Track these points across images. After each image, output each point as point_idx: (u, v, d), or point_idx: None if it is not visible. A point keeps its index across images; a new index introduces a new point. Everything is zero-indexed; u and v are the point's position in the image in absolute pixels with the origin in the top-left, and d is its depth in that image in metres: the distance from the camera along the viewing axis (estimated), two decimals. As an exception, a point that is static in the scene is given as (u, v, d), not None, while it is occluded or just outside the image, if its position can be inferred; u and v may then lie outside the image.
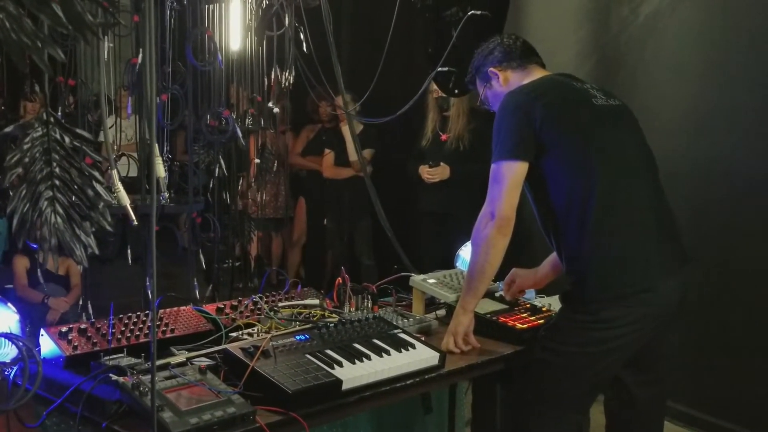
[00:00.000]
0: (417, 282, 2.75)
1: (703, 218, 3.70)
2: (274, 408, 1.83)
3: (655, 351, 2.33)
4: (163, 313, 2.31)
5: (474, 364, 2.30)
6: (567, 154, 2.24)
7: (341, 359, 2.02)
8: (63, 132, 1.42)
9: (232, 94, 4.54)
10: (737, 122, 3.60)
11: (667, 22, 3.91)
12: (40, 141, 1.39)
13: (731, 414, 3.61)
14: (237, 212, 4.74)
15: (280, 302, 2.51)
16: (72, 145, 1.44)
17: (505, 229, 2.25)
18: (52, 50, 1.11)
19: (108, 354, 2.04)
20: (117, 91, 3.85)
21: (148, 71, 1.41)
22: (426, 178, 4.94)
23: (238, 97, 4.55)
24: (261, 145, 4.86)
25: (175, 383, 1.82)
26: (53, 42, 1.12)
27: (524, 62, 2.48)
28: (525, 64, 2.48)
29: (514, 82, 2.46)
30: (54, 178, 1.43)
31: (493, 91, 2.52)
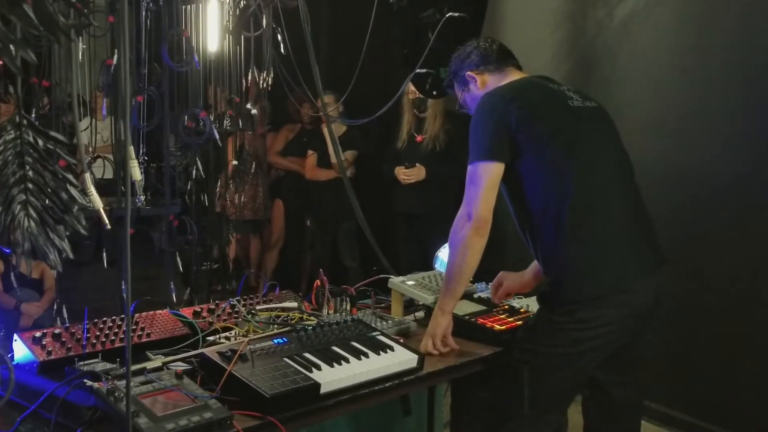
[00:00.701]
0: (396, 284, 2.75)
1: (677, 220, 3.73)
2: (252, 412, 1.81)
3: (631, 351, 2.34)
4: (139, 317, 2.29)
5: (452, 366, 2.30)
6: (542, 155, 2.24)
7: (319, 362, 2.01)
8: (36, 134, 1.40)
9: (210, 95, 4.52)
10: (710, 125, 3.64)
11: (642, 26, 3.94)
12: (12, 144, 1.37)
13: (708, 413, 3.65)
14: (215, 214, 4.70)
15: (258, 305, 2.50)
16: (45, 148, 1.42)
17: (482, 230, 2.26)
18: (23, 52, 1.09)
19: (83, 359, 2.02)
20: (92, 92, 3.81)
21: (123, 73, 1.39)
22: (402, 180, 4.95)
23: (216, 98, 4.53)
24: (239, 147, 4.83)
25: (151, 388, 1.80)
26: (25, 43, 1.10)
27: (501, 65, 2.50)
28: (502, 67, 2.49)
29: (491, 84, 2.47)
30: (27, 181, 1.41)
31: (471, 95, 2.53)
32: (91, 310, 2.24)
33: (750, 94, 3.47)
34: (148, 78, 3.29)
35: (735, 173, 3.55)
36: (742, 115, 3.51)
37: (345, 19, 5.56)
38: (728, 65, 3.56)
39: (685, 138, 3.76)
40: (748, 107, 3.50)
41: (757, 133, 3.46)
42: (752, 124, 3.48)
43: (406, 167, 4.94)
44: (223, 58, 4.09)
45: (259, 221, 6.12)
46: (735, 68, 3.54)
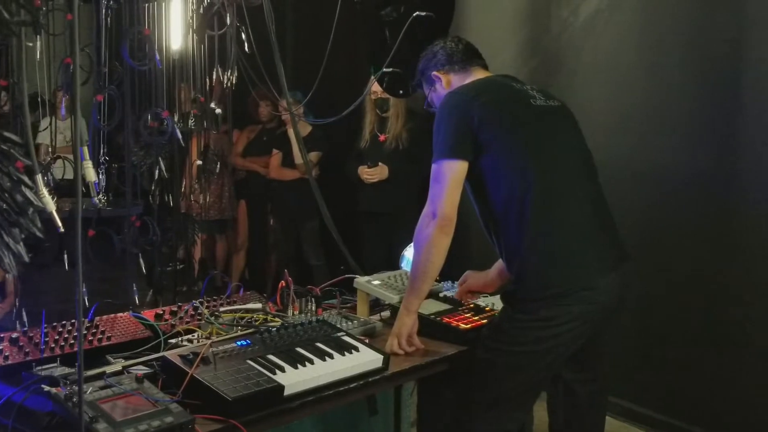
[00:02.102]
0: (361, 284, 2.74)
1: (640, 216, 3.77)
2: (214, 416, 1.79)
3: (595, 348, 2.36)
4: (100, 320, 2.25)
5: (418, 366, 2.30)
6: (504, 153, 2.25)
7: (283, 364, 2.00)
8: None
9: (179, 93, 4.47)
10: (671, 123, 3.68)
11: (605, 24, 3.97)
12: None
13: (671, 409, 3.69)
14: (180, 215, 4.65)
15: (221, 307, 2.47)
16: (0, 150, 1.38)
17: (446, 228, 2.26)
18: None
19: (41, 364, 1.97)
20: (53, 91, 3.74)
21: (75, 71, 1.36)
22: (365, 179, 4.96)
23: (180, 96, 4.48)
24: (204, 146, 4.78)
25: (111, 393, 1.77)
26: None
27: (466, 65, 2.51)
28: (467, 67, 2.51)
29: (455, 84, 2.49)
30: None
31: (437, 94, 2.54)
32: (53, 313, 2.20)
33: (709, 93, 3.52)
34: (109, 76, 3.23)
35: (696, 170, 3.60)
36: (702, 113, 3.56)
37: (310, 18, 5.54)
38: (688, 64, 3.61)
39: (647, 135, 3.80)
40: (707, 105, 3.55)
41: (717, 131, 3.51)
42: (712, 122, 3.53)
43: (368, 167, 4.94)
44: (186, 56, 4.05)
45: (224, 221, 6.08)
46: (695, 67, 3.59)
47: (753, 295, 3.36)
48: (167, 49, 3.79)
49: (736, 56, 3.42)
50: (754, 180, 3.37)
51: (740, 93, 3.42)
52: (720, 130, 3.49)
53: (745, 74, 3.40)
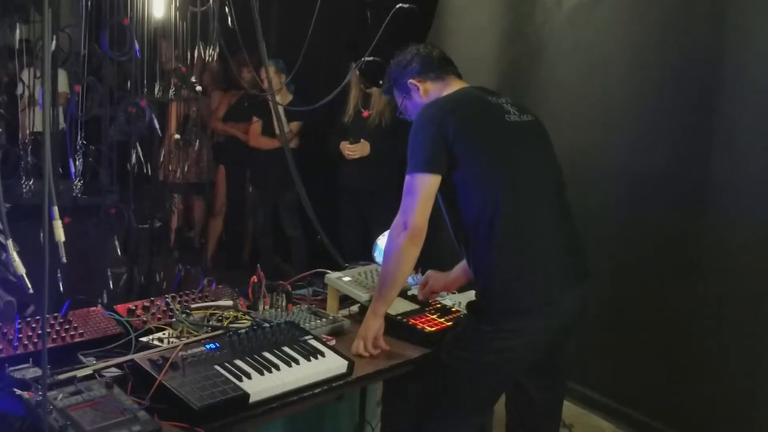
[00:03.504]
0: (332, 280, 2.80)
1: (616, 211, 3.85)
2: (180, 423, 1.86)
3: (553, 359, 2.45)
4: (73, 314, 2.30)
5: (382, 369, 2.38)
6: (476, 169, 2.30)
7: (250, 371, 2.06)
8: None
9: (160, 50, 4.44)
10: (646, 122, 3.73)
11: (586, 17, 3.99)
12: None
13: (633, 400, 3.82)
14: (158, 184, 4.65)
15: (193, 302, 2.52)
16: None
17: (416, 239, 2.31)
18: None
19: (14, 361, 2.02)
20: None
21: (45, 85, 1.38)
22: (346, 155, 4.98)
23: (162, 55, 4.45)
24: (183, 117, 4.76)
25: (81, 399, 1.83)
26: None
27: (442, 73, 2.52)
28: (443, 75, 2.52)
29: (433, 93, 2.50)
30: None
31: (412, 102, 2.55)
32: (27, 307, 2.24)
33: (689, 91, 3.54)
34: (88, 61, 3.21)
35: (668, 168, 3.66)
36: (682, 110, 3.58)
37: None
38: (669, 62, 3.63)
39: (627, 130, 3.84)
40: (680, 105, 3.58)
41: (690, 131, 3.55)
42: (690, 120, 3.56)
43: (350, 143, 4.96)
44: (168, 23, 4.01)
45: (202, 184, 6.09)
46: (675, 65, 3.61)
47: (724, 289, 3.42)
48: (146, 33, 3.74)
49: (718, 55, 3.43)
50: (730, 180, 3.39)
51: (720, 92, 3.44)
52: (691, 132, 3.53)
53: (726, 73, 3.42)
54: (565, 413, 3.22)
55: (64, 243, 1.36)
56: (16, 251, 1.38)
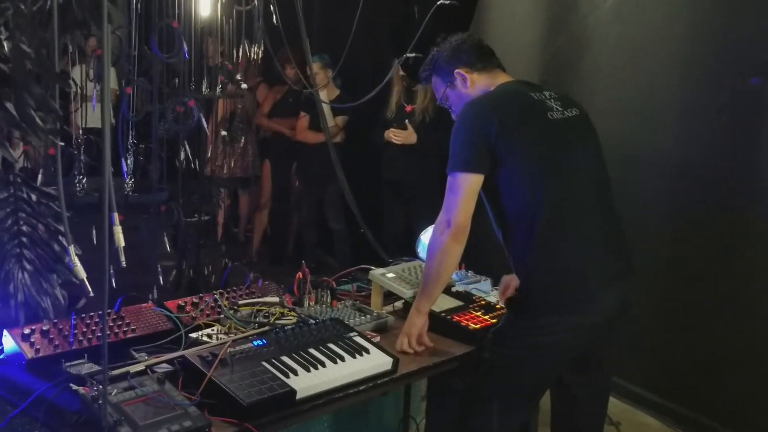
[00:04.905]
0: (376, 276, 2.82)
1: (662, 207, 3.80)
2: (229, 419, 1.91)
3: (596, 355, 2.43)
4: (125, 311, 2.36)
5: (427, 366, 2.39)
6: (517, 168, 2.29)
7: (296, 367, 2.10)
8: (30, 191, 1.45)
9: (207, 46, 4.52)
10: (692, 116, 3.67)
11: (633, 9, 3.93)
12: (6, 202, 1.43)
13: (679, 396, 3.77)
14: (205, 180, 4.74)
15: (240, 298, 2.57)
16: (38, 202, 1.47)
17: (460, 236, 2.32)
18: (4, 151, 1.14)
19: (70, 356, 2.09)
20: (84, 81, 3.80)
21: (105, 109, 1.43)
22: (392, 139, 5.00)
23: (208, 50, 4.52)
24: (230, 114, 4.84)
25: (134, 395, 1.88)
26: (6, 143, 1.15)
27: (488, 65, 2.51)
28: (489, 67, 2.50)
29: (480, 84, 2.48)
30: (21, 235, 1.47)
31: (456, 92, 2.53)
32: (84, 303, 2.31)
33: (735, 91, 3.48)
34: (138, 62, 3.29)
35: (714, 163, 3.60)
36: (727, 112, 3.52)
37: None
38: (714, 56, 3.57)
39: (674, 126, 3.78)
40: (728, 99, 3.52)
41: (740, 130, 3.49)
42: (732, 117, 3.50)
43: (396, 127, 4.99)
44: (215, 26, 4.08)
45: (248, 179, 6.18)
46: (720, 60, 3.55)
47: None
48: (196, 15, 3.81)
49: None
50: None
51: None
52: (742, 130, 3.47)
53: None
54: (611, 410, 3.21)
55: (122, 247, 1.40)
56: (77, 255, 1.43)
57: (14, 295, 1.51)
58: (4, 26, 1.26)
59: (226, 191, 5.88)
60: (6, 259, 1.47)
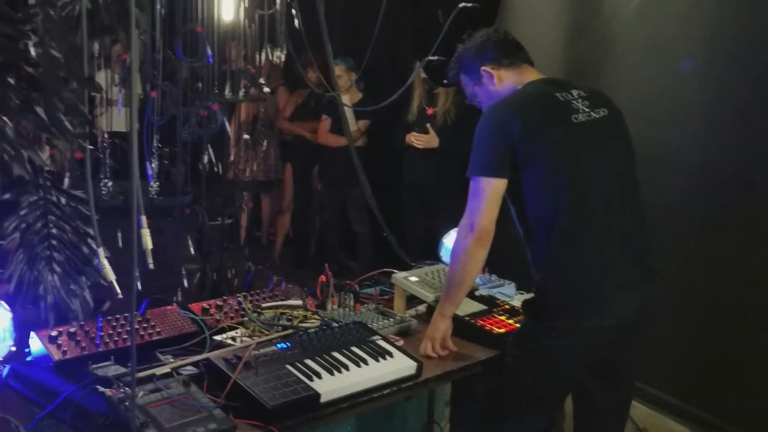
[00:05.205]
0: (399, 280, 2.82)
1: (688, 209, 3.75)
2: (254, 422, 1.91)
3: (615, 361, 2.40)
4: (150, 313, 2.38)
5: (450, 371, 2.39)
6: (539, 172, 2.27)
7: (320, 370, 2.10)
8: (59, 194, 1.47)
9: (229, 51, 4.55)
10: (722, 119, 3.61)
11: (659, 10, 3.89)
12: (36, 205, 1.45)
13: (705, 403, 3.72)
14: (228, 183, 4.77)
15: (264, 301, 2.58)
16: (67, 205, 1.49)
17: (484, 240, 2.32)
18: (33, 154, 1.16)
19: (96, 359, 2.11)
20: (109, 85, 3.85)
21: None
22: (414, 142, 4.99)
23: (231, 54, 4.54)
24: (252, 117, 4.86)
25: (159, 397, 1.90)
26: (35, 146, 1.17)
27: (515, 60, 2.47)
28: (516, 63, 2.47)
29: (507, 81, 2.45)
30: (50, 238, 1.49)
31: (484, 89, 2.51)
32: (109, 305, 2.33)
33: (755, 91, 3.43)
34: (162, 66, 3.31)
35: (744, 167, 3.54)
36: (749, 113, 3.48)
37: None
38: (741, 59, 3.52)
39: (700, 128, 3.73)
40: (755, 106, 3.47)
41: (762, 130, 3.44)
42: (757, 120, 3.45)
43: (417, 130, 4.99)
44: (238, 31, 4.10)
45: (270, 182, 6.20)
46: (748, 63, 3.50)
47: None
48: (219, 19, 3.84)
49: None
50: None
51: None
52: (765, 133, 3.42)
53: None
54: (638, 416, 3.17)
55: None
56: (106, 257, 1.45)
57: (44, 296, 1.53)
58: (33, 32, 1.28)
59: (248, 195, 5.92)
60: (36, 261, 1.49)
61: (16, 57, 1.21)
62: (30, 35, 1.26)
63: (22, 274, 1.51)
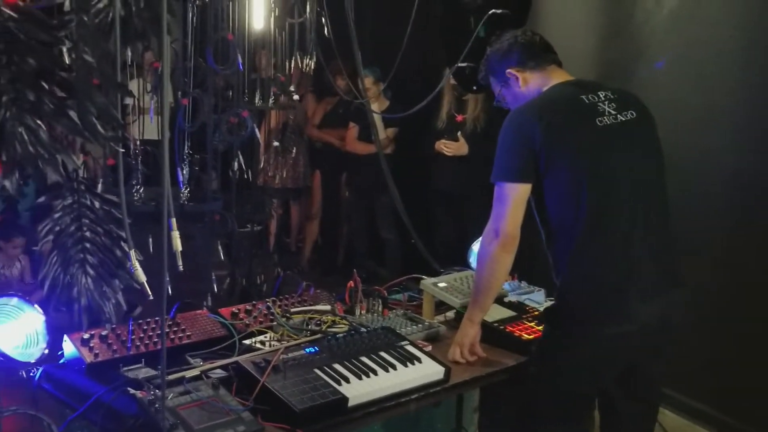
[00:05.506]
0: (427, 286, 2.81)
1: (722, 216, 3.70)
2: (282, 425, 1.92)
3: (639, 370, 2.36)
4: (181, 317, 2.40)
5: (479, 377, 2.38)
6: (561, 176, 2.25)
7: (348, 375, 2.10)
8: (93, 197, 1.50)
9: (259, 59, 4.59)
10: (759, 127, 3.56)
11: (692, 15, 3.84)
12: (70, 208, 1.48)
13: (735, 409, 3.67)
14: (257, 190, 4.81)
15: (292, 306, 2.59)
16: (101, 208, 1.52)
17: (509, 246, 2.30)
18: (66, 158, 1.18)
19: (128, 361, 2.14)
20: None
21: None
22: (443, 150, 4.98)
23: (261, 63, 4.59)
24: (282, 125, 4.90)
25: (189, 399, 1.92)
26: (68, 149, 1.19)
27: (542, 62, 2.44)
28: (543, 65, 2.44)
29: (533, 84, 2.43)
30: (84, 241, 1.51)
31: (511, 91, 2.50)
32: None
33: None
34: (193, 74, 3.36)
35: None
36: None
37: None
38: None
39: (735, 134, 3.68)
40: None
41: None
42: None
43: (447, 138, 4.98)
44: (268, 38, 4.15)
45: (299, 189, 6.24)
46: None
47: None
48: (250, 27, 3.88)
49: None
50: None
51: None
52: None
53: None
54: (669, 424, 3.13)
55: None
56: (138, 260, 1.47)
57: (77, 299, 1.56)
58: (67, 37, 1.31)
59: (278, 201, 5.95)
60: (70, 264, 1.52)
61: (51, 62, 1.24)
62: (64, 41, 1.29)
63: (56, 276, 1.54)
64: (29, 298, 2.10)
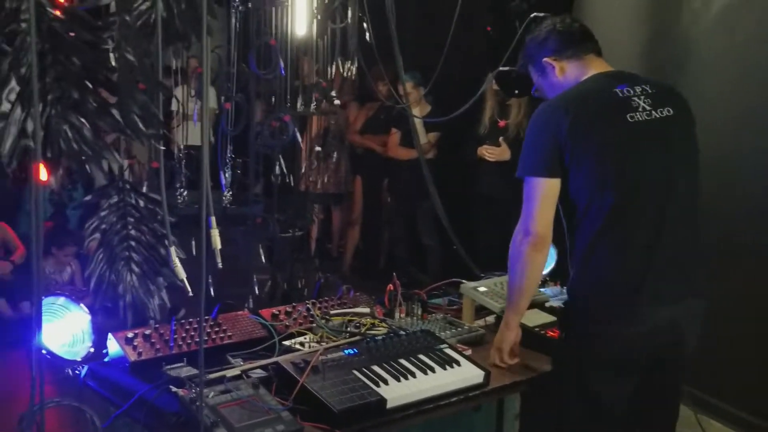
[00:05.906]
0: (467, 290, 2.80)
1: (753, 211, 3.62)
2: (321, 425, 1.92)
3: (659, 376, 2.30)
4: (222, 318, 2.42)
5: (519, 381, 2.35)
6: (587, 173, 2.20)
7: (387, 377, 2.10)
8: (137, 196, 1.54)
9: (302, 65, 4.63)
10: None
11: (739, 18, 3.77)
12: (116, 207, 1.51)
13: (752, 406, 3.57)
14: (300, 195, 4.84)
15: (332, 309, 2.60)
16: (146, 207, 1.55)
17: (539, 245, 2.25)
18: (110, 156, 1.21)
19: (170, 360, 2.17)
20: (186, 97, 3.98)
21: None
22: (485, 155, 4.96)
23: (303, 69, 4.63)
24: (323, 130, 4.93)
25: (229, 398, 1.93)
26: (113, 150, 1.22)
27: (579, 51, 2.37)
28: (580, 54, 2.37)
29: (570, 73, 2.37)
30: (129, 239, 1.55)
31: (548, 81, 2.44)
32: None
33: None
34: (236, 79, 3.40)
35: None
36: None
37: (433, 0, 5.55)
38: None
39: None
40: None
41: None
42: None
43: (489, 143, 4.96)
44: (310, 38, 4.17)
45: (340, 195, 6.26)
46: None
47: None
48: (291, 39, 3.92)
49: None
50: None
51: None
52: None
53: None
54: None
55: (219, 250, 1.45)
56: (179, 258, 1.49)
57: (123, 296, 1.59)
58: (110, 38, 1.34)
59: (319, 207, 5.99)
60: (115, 261, 1.56)
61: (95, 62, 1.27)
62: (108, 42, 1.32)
63: (102, 273, 1.58)
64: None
